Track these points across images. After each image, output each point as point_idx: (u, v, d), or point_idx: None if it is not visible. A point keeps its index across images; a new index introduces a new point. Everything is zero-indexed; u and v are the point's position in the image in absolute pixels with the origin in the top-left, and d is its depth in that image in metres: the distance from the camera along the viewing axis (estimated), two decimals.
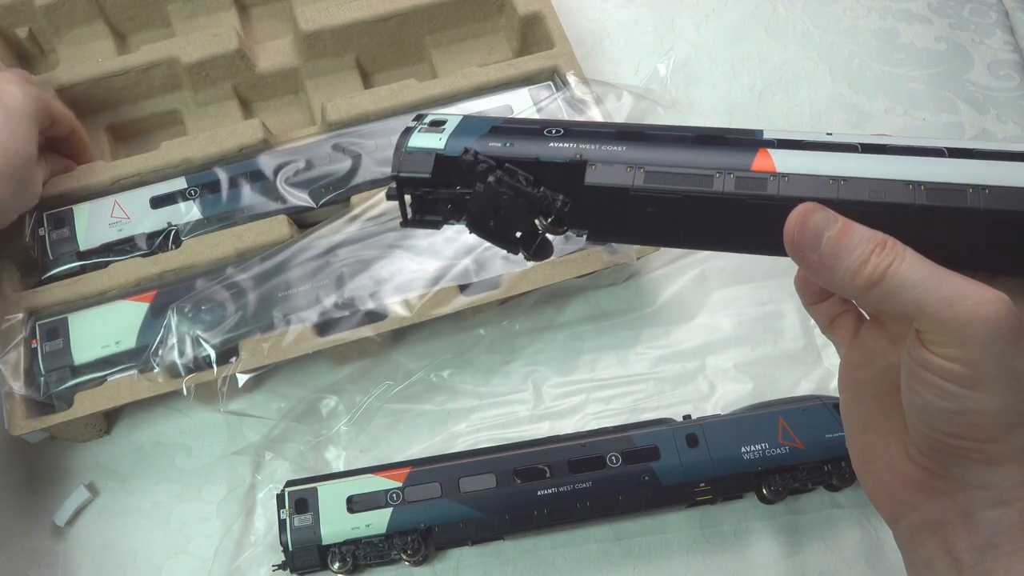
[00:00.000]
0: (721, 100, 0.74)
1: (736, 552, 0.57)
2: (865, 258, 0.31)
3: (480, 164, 0.35)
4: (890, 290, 0.31)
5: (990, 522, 0.32)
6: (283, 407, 0.61)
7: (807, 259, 0.33)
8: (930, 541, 0.34)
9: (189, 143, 0.63)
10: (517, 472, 0.54)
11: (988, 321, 0.30)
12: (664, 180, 0.34)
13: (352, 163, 0.62)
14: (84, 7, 0.69)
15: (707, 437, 0.56)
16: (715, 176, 0.34)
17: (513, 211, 0.35)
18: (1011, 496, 0.32)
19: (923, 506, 0.35)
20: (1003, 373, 0.30)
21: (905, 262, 0.31)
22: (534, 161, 0.35)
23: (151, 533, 0.57)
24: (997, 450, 0.32)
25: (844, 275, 0.32)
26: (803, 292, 0.42)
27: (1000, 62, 0.76)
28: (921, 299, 0.31)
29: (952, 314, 0.30)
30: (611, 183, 0.35)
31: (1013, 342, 0.30)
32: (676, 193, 0.34)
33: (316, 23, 0.67)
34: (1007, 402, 0.31)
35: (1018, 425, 0.31)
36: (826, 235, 0.32)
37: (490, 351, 0.63)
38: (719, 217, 0.34)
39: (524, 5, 0.68)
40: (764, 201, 0.33)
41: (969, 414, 0.31)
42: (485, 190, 0.35)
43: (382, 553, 0.53)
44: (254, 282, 0.58)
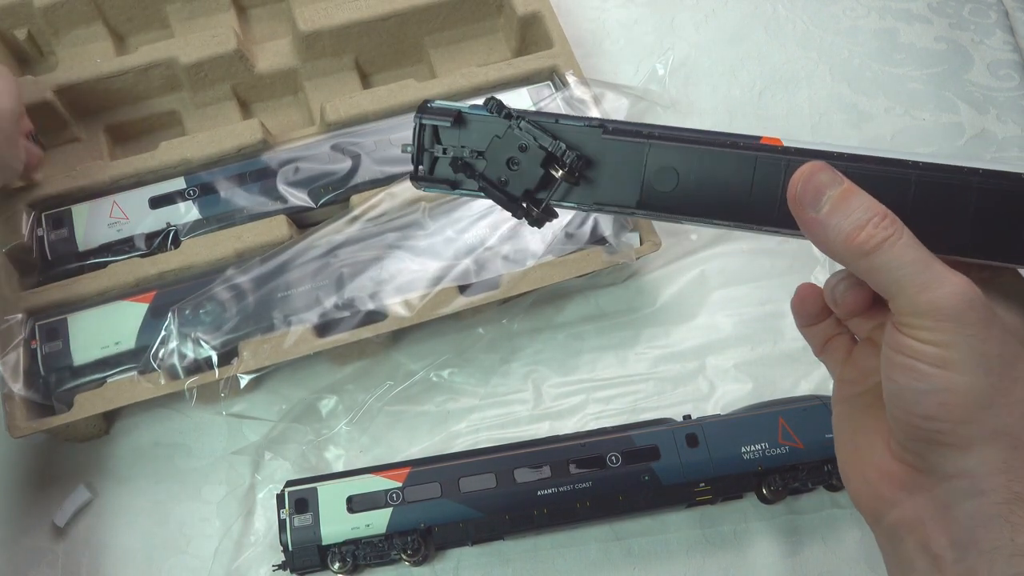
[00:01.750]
0: (721, 100, 0.74)
1: (736, 552, 0.57)
2: (861, 225, 0.32)
3: (503, 111, 0.36)
4: (878, 265, 0.32)
5: (968, 515, 0.33)
6: (283, 408, 0.61)
7: (806, 215, 0.33)
8: (910, 539, 0.35)
9: (188, 143, 0.63)
10: (517, 472, 0.54)
11: (959, 306, 0.31)
12: (679, 137, 0.36)
13: (351, 163, 0.62)
14: (83, 8, 0.69)
15: (707, 437, 0.56)
16: (726, 140, 0.35)
17: (529, 161, 0.36)
18: (987, 486, 0.32)
19: (903, 503, 0.35)
20: (972, 354, 0.32)
21: (900, 241, 0.32)
22: (553, 121, 0.36)
23: (151, 533, 0.57)
24: (970, 432, 0.32)
25: (837, 236, 0.33)
26: (798, 313, 0.43)
27: (1000, 62, 0.76)
28: (902, 280, 0.32)
29: (926, 298, 0.32)
30: (629, 131, 0.36)
31: (982, 328, 0.32)
32: (691, 147, 0.35)
33: (315, 24, 0.67)
34: (977, 381, 0.32)
35: (988, 406, 0.32)
36: (828, 193, 0.33)
37: (490, 351, 0.63)
38: (729, 178, 0.35)
39: (523, 5, 0.68)
40: (773, 159, 0.34)
41: (941, 393, 0.32)
42: (506, 136, 0.36)
43: (382, 553, 0.53)
44: (254, 283, 0.58)
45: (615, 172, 0.36)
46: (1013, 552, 0.31)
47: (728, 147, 0.35)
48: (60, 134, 0.67)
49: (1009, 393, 0.32)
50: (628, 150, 0.36)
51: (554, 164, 0.36)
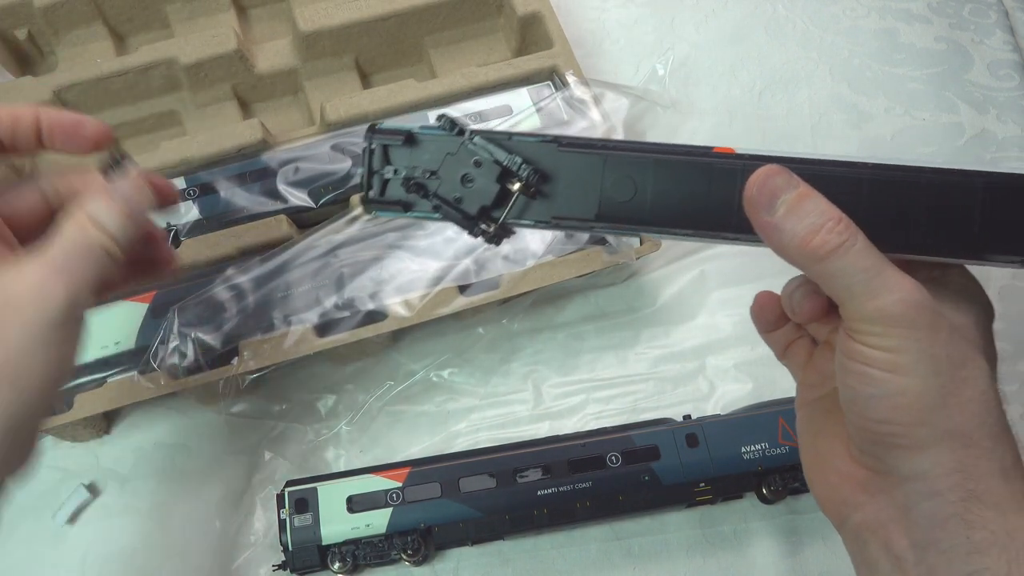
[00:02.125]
0: (721, 100, 0.74)
1: (736, 552, 0.57)
2: (816, 229, 0.33)
3: (455, 127, 0.36)
4: (831, 270, 0.33)
5: (926, 516, 0.33)
6: (283, 408, 0.61)
7: (761, 219, 0.34)
8: (873, 540, 0.35)
9: (188, 144, 0.63)
10: (517, 472, 0.54)
11: (907, 312, 0.32)
12: (635, 145, 0.35)
13: (351, 163, 0.63)
14: (83, 8, 0.69)
15: (707, 437, 0.56)
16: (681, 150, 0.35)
17: (484, 177, 0.36)
18: (942, 486, 0.33)
19: (865, 506, 0.36)
20: (921, 358, 0.32)
21: (854, 248, 0.32)
22: (507, 137, 0.36)
23: (151, 533, 0.57)
24: (923, 434, 0.33)
25: (792, 240, 0.33)
26: (757, 320, 0.43)
27: (1000, 62, 0.76)
28: (853, 287, 0.32)
29: (874, 305, 0.32)
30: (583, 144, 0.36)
31: (929, 331, 0.32)
32: (645, 157, 0.35)
33: (315, 24, 0.67)
34: (926, 383, 0.32)
35: (940, 408, 0.32)
36: (783, 197, 0.33)
37: (490, 351, 0.63)
38: (685, 187, 0.35)
39: (523, 5, 0.68)
40: (728, 165, 0.34)
41: (892, 396, 0.33)
42: (460, 152, 0.36)
43: (382, 553, 0.53)
44: (254, 283, 0.58)
45: (572, 186, 0.36)
46: (970, 550, 0.32)
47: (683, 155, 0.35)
48: None
49: (959, 393, 0.33)
50: (584, 163, 0.36)
51: (510, 178, 0.35)
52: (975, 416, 0.33)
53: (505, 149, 0.35)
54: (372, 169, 0.37)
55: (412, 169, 0.36)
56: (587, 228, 0.36)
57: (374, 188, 0.37)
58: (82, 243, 0.37)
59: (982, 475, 0.32)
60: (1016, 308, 0.65)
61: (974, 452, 0.33)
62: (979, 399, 0.33)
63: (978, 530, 0.32)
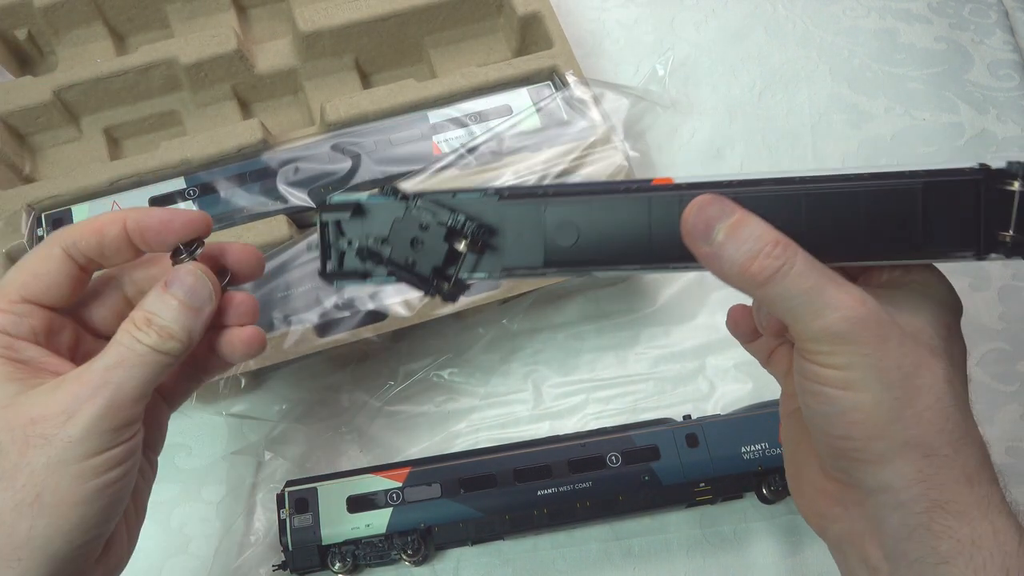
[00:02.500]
0: (721, 100, 0.74)
1: (736, 552, 0.57)
2: (754, 255, 0.32)
3: (399, 193, 0.37)
4: (774, 295, 0.33)
5: (894, 528, 0.33)
6: (283, 408, 0.61)
7: (700, 249, 0.34)
8: (851, 552, 0.36)
9: (188, 143, 0.63)
10: (517, 472, 0.54)
11: (851, 329, 0.32)
12: (574, 188, 0.36)
13: (351, 163, 0.62)
14: (83, 8, 0.69)
15: (707, 437, 0.56)
16: (619, 187, 0.36)
17: (432, 238, 0.36)
18: (906, 497, 0.33)
19: (841, 518, 0.36)
20: (872, 372, 0.32)
21: (793, 269, 0.32)
22: (451, 196, 0.37)
23: (151, 533, 0.57)
24: (882, 447, 0.33)
25: (732, 268, 0.33)
26: (735, 332, 0.44)
27: (1000, 62, 0.76)
28: (796, 310, 0.32)
29: (820, 325, 0.32)
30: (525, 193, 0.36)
31: (876, 345, 0.32)
32: (585, 198, 0.36)
33: (315, 24, 0.67)
34: (880, 397, 0.32)
35: (896, 420, 0.33)
36: (719, 225, 0.33)
37: (490, 351, 0.63)
38: (627, 223, 0.35)
39: (523, 5, 0.68)
40: (666, 198, 0.35)
41: (849, 413, 0.33)
42: (405, 217, 0.36)
43: (382, 553, 0.53)
44: (254, 283, 0.58)
45: (518, 236, 0.36)
46: (937, 560, 0.32)
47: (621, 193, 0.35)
48: (60, 134, 0.67)
49: (914, 403, 0.33)
50: (526, 212, 0.36)
51: (457, 237, 0.36)
52: (932, 424, 0.33)
53: (449, 208, 0.36)
54: (328, 243, 0.38)
55: (365, 238, 0.37)
56: (538, 275, 0.37)
57: (332, 260, 0.38)
58: (129, 349, 0.34)
59: (945, 483, 0.32)
60: (1016, 308, 0.65)
61: (936, 461, 0.33)
62: (935, 406, 0.33)
63: (944, 540, 0.32)
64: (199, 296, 0.36)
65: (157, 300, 0.35)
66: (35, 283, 0.35)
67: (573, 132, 0.63)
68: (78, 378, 0.34)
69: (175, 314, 0.35)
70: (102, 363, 0.34)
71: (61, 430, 0.33)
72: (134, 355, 0.34)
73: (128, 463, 0.35)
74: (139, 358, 0.34)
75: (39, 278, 0.35)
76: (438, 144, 0.63)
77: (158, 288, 0.36)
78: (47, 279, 0.36)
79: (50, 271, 0.36)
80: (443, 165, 0.62)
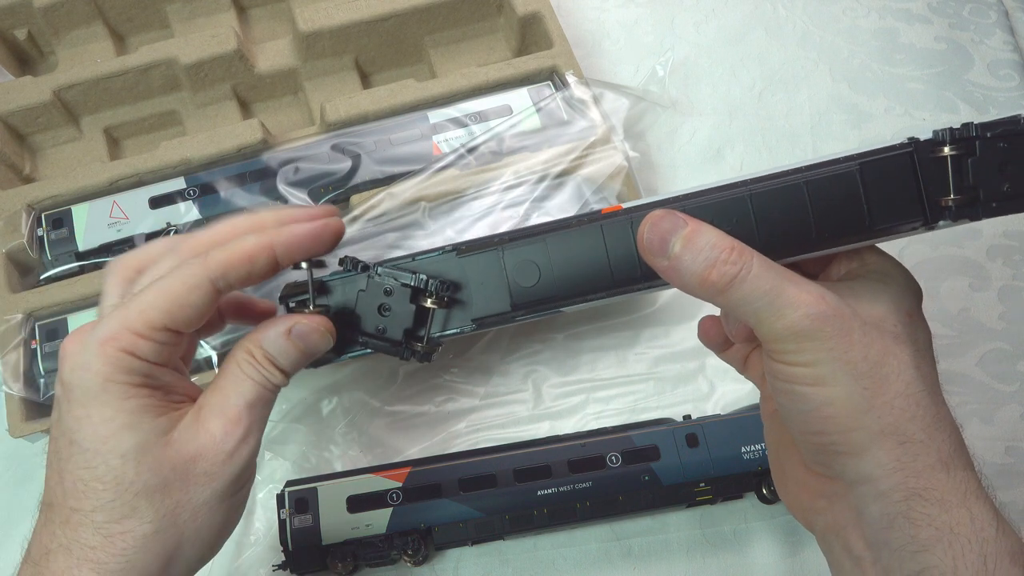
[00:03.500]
0: (721, 100, 0.74)
1: (736, 552, 0.57)
2: (711, 263, 0.33)
3: (359, 265, 0.37)
4: (735, 300, 0.33)
5: (875, 517, 0.34)
6: (283, 408, 0.61)
7: (658, 264, 0.34)
8: (836, 543, 0.36)
9: (188, 143, 0.63)
10: (517, 472, 0.54)
11: (814, 325, 0.32)
12: (528, 231, 0.37)
13: (351, 163, 0.63)
14: (83, 9, 0.69)
15: (707, 437, 0.56)
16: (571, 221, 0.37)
17: (398, 303, 0.37)
18: (885, 486, 0.33)
19: (826, 511, 0.36)
20: (838, 366, 0.33)
21: (751, 273, 0.33)
22: (410, 259, 0.37)
23: None
24: (859, 438, 0.33)
25: (692, 279, 0.34)
26: (708, 343, 0.44)
27: (1000, 62, 0.76)
28: (760, 312, 0.33)
29: (783, 324, 0.33)
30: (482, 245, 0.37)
31: (840, 339, 0.33)
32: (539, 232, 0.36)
33: (315, 24, 0.67)
34: (850, 390, 0.33)
35: (868, 410, 0.33)
36: (673, 239, 0.34)
37: (490, 351, 0.63)
38: (585, 256, 0.36)
39: (523, 5, 0.68)
40: (616, 222, 0.36)
41: (822, 408, 0.33)
42: (369, 286, 0.37)
43: (382, 553, 0.53)
44: None
45: (482, 286, 0.37)
46: (916, 548, 0.33)
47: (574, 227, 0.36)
48: (60, 134, 0.67)
49: (883, 392, 0.33)
50: (485, 262, 0.37)
51: (422, 296, 0.37)
52: (904, 411, 0.33)
53: (409, 271, 0.37)
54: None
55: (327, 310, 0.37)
56: (508, 320, 0.38)
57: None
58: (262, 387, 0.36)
59: (922, 471, 0.33)
60: (1016, 308, 0.65)
61: (911, 448, 0.33)
62: (905, 392, 0.33)
63: (923, 528, 0.32)
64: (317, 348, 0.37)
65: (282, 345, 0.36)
66: (180, 313, 0.34)
67: (573, 132, 0.63)
68: (223, 413, 0.35)
69: (295, 360, 0.36)
70: (243, 400, 0.35)
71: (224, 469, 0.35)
72: (266, 392, 0.36)
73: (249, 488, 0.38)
74: (270, 394, 0.36)
75: (184, 309, 0.34)
76: (438, 144, 0.63)
77: (282, 332, 0.36)
78: (192, 311, 0.34)
79: (196, 303, 0.34)
80: (443, 165, 0.62)
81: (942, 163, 0.34)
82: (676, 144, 0.72)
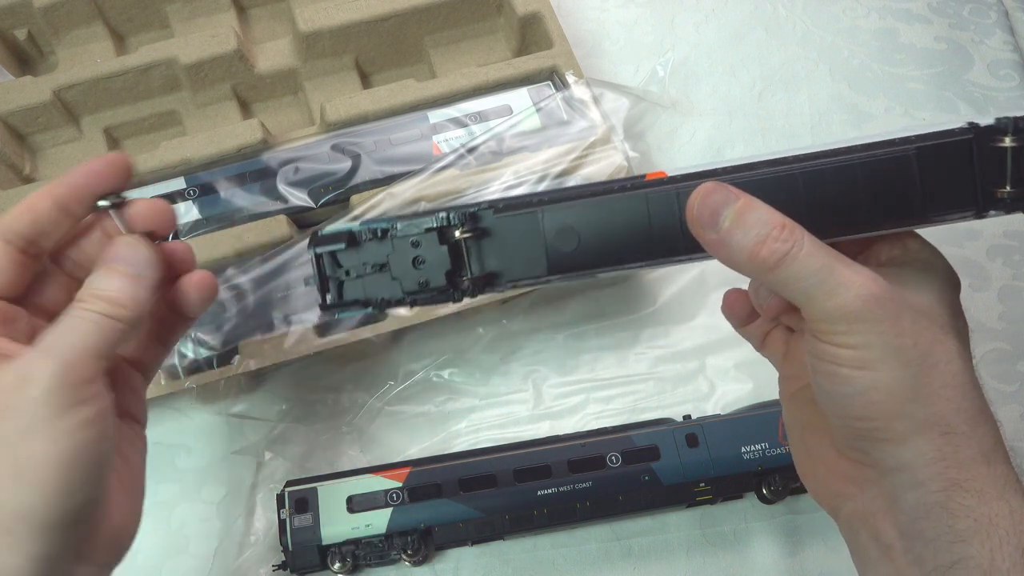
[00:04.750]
0: (721, 100, 0.74)
1: (736, 552, 0.57)
2: (762, 240, 0.33)
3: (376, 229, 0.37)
4: (783, 278, 0.33)
5: (911, 506, 0.33)
6: (283, 408, 0.61)
7: (707, 237, 0.34)
8: (864, 530, 0.36)
9: (188, 143, 0.63)
10: (517, 472, 0.54)
11: (866, 307, 0.32)
12: (568, 195, 0.36)
13: (351, 163, 0.63)
14: (83, 8, 0.69)
15: (707, 437, 0.56)
16: (614, 187, 0.35)
17: (430, 249, 0.36)
18: (924, 475, 0.33)
19: (856, 497, 0.36)
20: (888, 350, 0.32)
21: (803, 251, 0.32)
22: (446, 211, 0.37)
23: (151, 533, 0.57)
24: (902, 426, 0.33)
25: (741, 254, 0.33)
26: (729, 316, 0.44)
27: (1000, 62, 0.76)
28: (810, 290, 0.32)
29: (834, 304, 0.32)
30: (519, 205, 0.36)
31: (892, 323, 0.32)
32: (581, 203, 0.35)
33: (315, 24, 0.67)
34: (898, 376, 0.32)
35: (914, 398, 0.33)
36: (724, 212, 0.33)
37: (490, 351, 0.63)
38: (626, 222, 0.35)
39: (523, 5, 0.68)
40: (663, 191, 0.35)
41: (867, 393, 0.33)
42: (395, 247, 0.36)
43: (382, 553, 0.53)
44: (254, 283, 0.58)
45: (518, 247, 0.36)
46: (953, 539, 0.32)
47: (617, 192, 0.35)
48: (60, 134, 0.67)
49: (931, 381, 0.33)
50: (523, 223, 0.36)
51: (450, 233, 0.36)
52: (950, 402, 0.33)
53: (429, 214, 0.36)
54: (325, 275, 0.37)
55: (362, 267, 0.37)
56: (543, 283, 0.37)
57: (331, 292, 0.38)
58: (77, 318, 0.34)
59: (963, 462, 0.33)
60: (1016, 308, 0.65)
61: (954, 440, 0.33)
62: (952, 383, 0.33)
63: (961, 519, 0.32)
64: (138, 263, 0.36)
65: (100, 277, 0.36)
66: None
67: (573, 132, 0.63)
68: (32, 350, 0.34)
69: (119, 284, 0.35)
70: (52, 332, 0.34)
71: (22, 394, 0.32)
72: (83, 321, 0.34)
73: (100, 425, 0.34)
74: (88, 324, 0.34)
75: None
76: (438, 144, 0.63)
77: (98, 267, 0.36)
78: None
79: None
80: (443, 165, 0.62)
81: (1001, 153, 0.33)
82: (676, 144, 0.72)
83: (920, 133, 0.34)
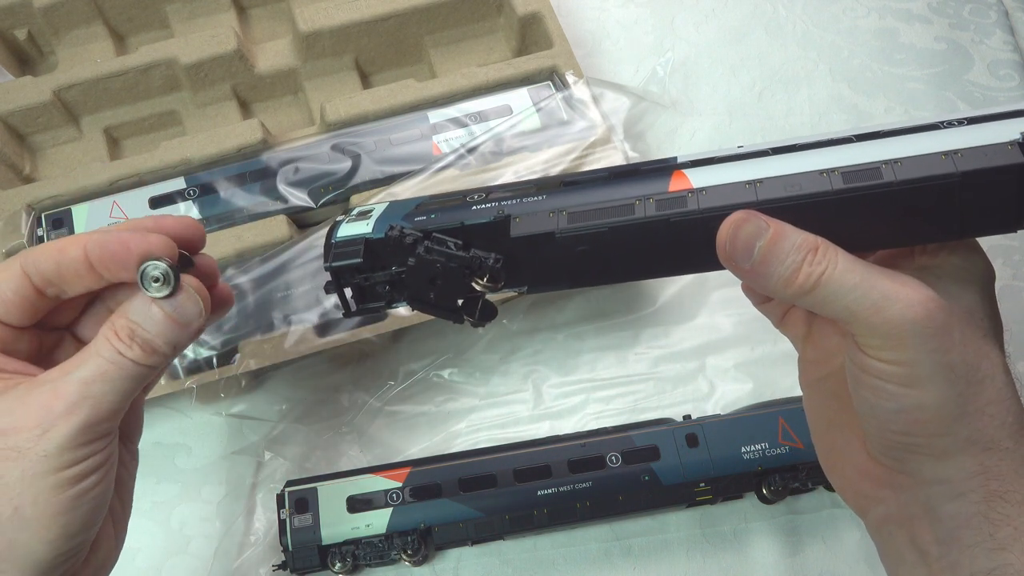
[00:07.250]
0: (721, 100, 0.74)
1: (736, 552, 0.57)
2: (797, 266, 0.32)
3: (407, 237, 0.36)
4: (823, 297, 0.32)
5: (950, 516, 0.33)
6: (283, 408, 0.61)
7: (741, 269, 0.33)
8: (898, 533, 0.35)
9: (188, 143, 0.63)
10: (517, 472, 0.54)
11: (916, 322, 0.31)
12: (587, 217, 0.35)
13: (351, 163, 0.63)
14: (83, 8, 0.69)
15: (707, 437, 0.56)
16: (635, 204, 0.35)
17: (449, 278, 0.36)
18: (966, 488, 0.33)
19: (888, 500, 0.35)
20: (937, 369, 0.31)
21: (838, 269, 0.32)
22: (459, 226, 0.36)
23: (151, 533, 0.57)
24: (945, 443, 0.32)
25: (777, 283, 0.33)
26: (749, 296, 0.43)
27: (1000, 62, 0.76)
28: (853, 306, 0.32)
29: (882, 319, 0.31)
30: (536, 231, 0.35)
31: (942, 339, 0.31)
32: (601, 227, 0.35)
33: (315, 24, 0.67)
34: (945, 395, 0.32)
35: (960, 417, 0.32)
36: (758, 244, 0.32)
37: (490, 351, 0.63)
38: (648, 243, 0.35)
39: (523, 5, 0.68)
40: (687, 217, 0.34)
41: (912, 411, 0.32)
42: (417, 262, 0.36)
43: (382, 553, 0.53)
44: (254, 283, 0.58)
45: (536, 261, 0.36)
46: (993, 547, 0.32)
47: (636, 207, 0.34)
48: (60, 134, 0.67)
49: (977, 399, 0.32)
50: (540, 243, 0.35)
51: (474, 276, 0.36)
52: (995, 418, 0.32)
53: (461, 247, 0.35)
54: (342, 284, 0.38)
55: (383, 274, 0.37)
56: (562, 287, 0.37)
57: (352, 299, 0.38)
58: (109, 362, 0.32)
59: (1005, 474, 0.32)
60: (1016, 308, 0.65)
61: (996, 455, 0.32)
62: (997, 400, 0.32)
63: (1001, 527, 0.32)
64: (188, 312, 0.33)
65: (142, 309, 0.32)
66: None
67: (573, 132, 0.63)
68: (53, 389, 0.32)
69: (160, 328, 0.32)
70: (79, 375, 0.32)
71: (35, 445, 0.31)
72: (115, 369, 0.32)
73: (105, 467, 0.33)
74: (120, 372, 0.32)
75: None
76: (438, 144, 0.63)
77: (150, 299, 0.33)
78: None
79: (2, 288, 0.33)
80: (443, 165, 0.62)
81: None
82: (676, 144, 0.72)
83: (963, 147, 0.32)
